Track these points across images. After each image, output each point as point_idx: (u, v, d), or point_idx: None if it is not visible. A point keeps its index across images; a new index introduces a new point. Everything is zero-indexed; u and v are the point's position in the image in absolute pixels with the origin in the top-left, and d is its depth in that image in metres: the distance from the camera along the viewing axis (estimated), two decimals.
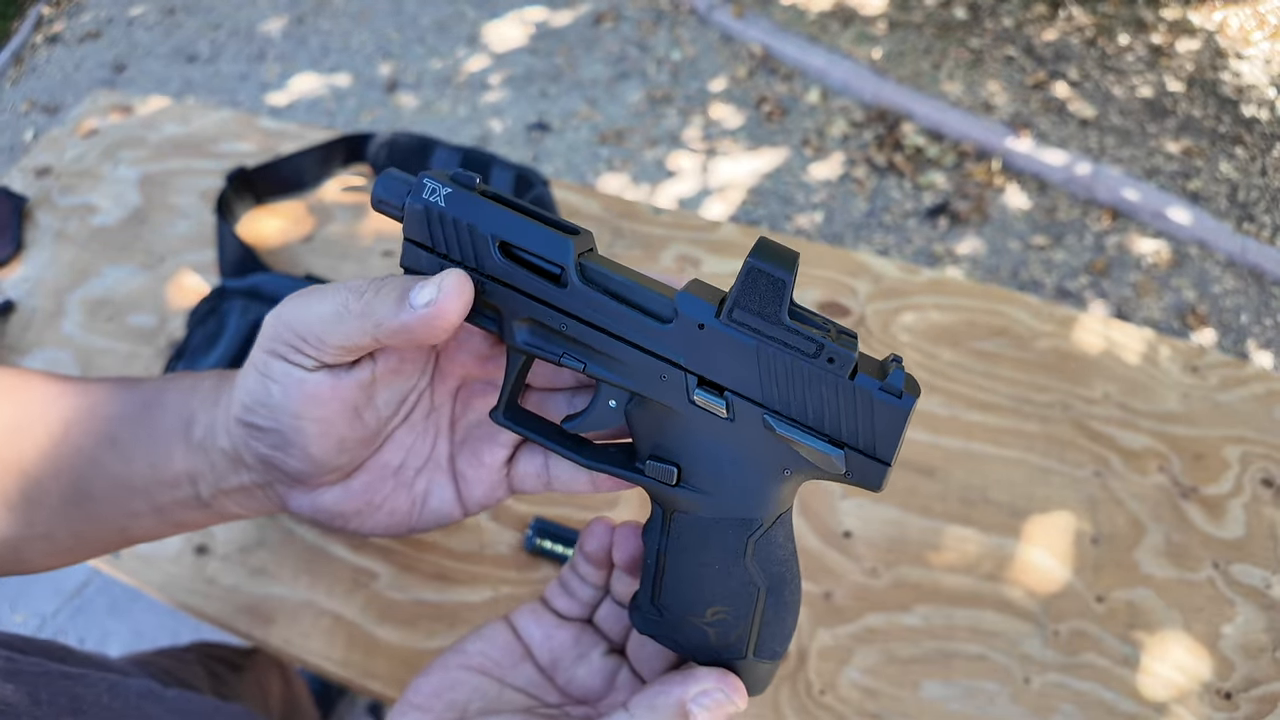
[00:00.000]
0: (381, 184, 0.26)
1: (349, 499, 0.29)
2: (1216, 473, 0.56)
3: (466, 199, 0.25)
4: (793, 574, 0.28)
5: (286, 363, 0.25)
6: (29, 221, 0.79)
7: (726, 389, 0.24)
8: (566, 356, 0.25)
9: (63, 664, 0.38)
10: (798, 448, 0.24)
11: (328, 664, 0.51)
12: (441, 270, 0.24)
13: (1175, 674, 0.48)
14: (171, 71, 2.44)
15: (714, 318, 0.23)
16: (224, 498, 0.29)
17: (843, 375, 0.23)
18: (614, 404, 0.26)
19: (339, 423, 0.26)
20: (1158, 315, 1.61)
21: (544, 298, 0.25)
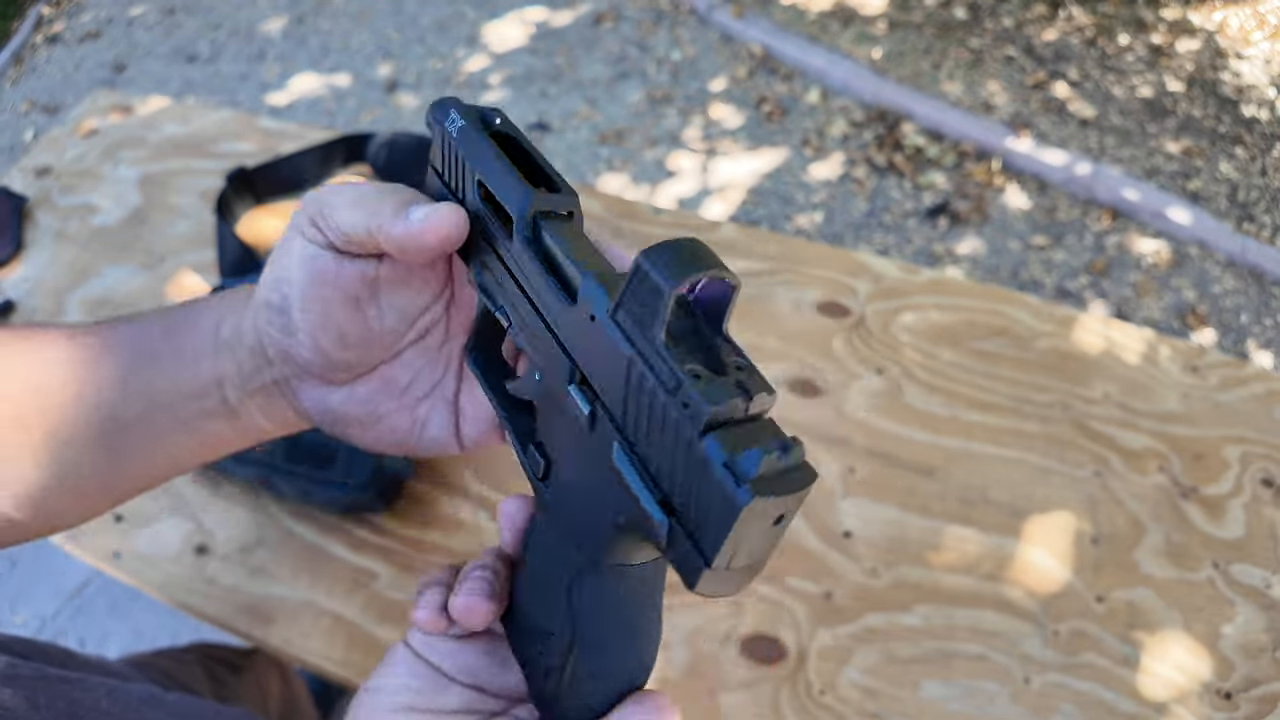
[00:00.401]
0: (435, 106, 0.26)
1: (353, 403, 0.29)
2: (1216, 473, 0.56)
3: (472, 134, 0.25)
4: (621, 643, 0.23)
5: (302, 237, 0.26)
6: (29, 221, 0.79)
7: (597, 394, 0.21)
8: (501, 310, 0.25)
9: (62, 668, 0.38)
10: (630, 493, 0.19)
11: (328, 664, 0.51)
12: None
13: (1175, 674, 0.48)
14: (171, 71, 2.44)
15: (605, 312, 0.20)
16: (249, 401, 0.29)
17: (693, 427, 0.17)
18: (538, 377, 0.24)
19: (337, 310, 0.27)
20: (1158, 315, 1.61)
21: (495, 246, 0.25)
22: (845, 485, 0.56)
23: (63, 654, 0.45)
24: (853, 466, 0.57)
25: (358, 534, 0.56)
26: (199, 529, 0.57)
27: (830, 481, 0.56)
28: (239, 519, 0.57)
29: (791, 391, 0.61)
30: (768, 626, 0.51)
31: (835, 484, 0.56)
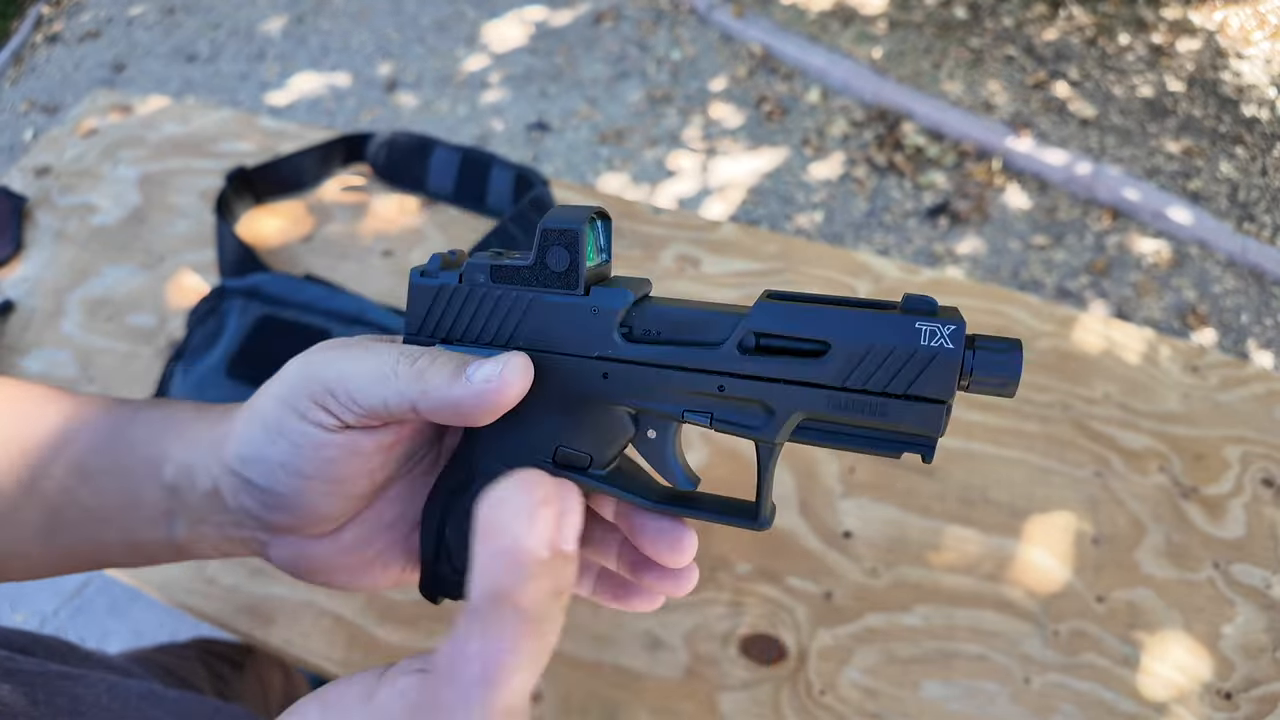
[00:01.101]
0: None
1: (339, 552, 0.27)
2: (1217, 473, 0.56)
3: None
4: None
5: (305, 421, 0.23)
6: (29, 221, 0.79)
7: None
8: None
9: (64, 662, 0.38)
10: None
11: (328, 664, 0.51)
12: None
13: (1175, 674, 0.48)
14: (171, 71, 2.44)
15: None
16: (199, 542, 0.27)
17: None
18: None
19: (349, 486, 0.25)
20: (1158, 315, 1.61)
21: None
22: (845, 485, 0.56)
23: (64, 648, 0.45)
24: (853, 466, 0.57)
25: None
26: None
27: (830, 481, 0.56)
28: None
29: None
30: (768, 627, 0.51)
31: (835, 484, 0.56)
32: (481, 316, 0.26)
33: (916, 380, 0.21)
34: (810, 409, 0.23)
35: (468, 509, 0.26)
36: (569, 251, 0.24)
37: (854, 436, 0.23)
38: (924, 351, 0.21)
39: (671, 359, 0.24)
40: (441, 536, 0.27)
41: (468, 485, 0.27)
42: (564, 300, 0.25)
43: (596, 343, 0.25)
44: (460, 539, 0.27)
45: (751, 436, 0.24)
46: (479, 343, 0.26)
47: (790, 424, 0.23)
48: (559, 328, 0.25)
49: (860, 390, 0.22)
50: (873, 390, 0.22)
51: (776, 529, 0.54)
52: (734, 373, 0.23)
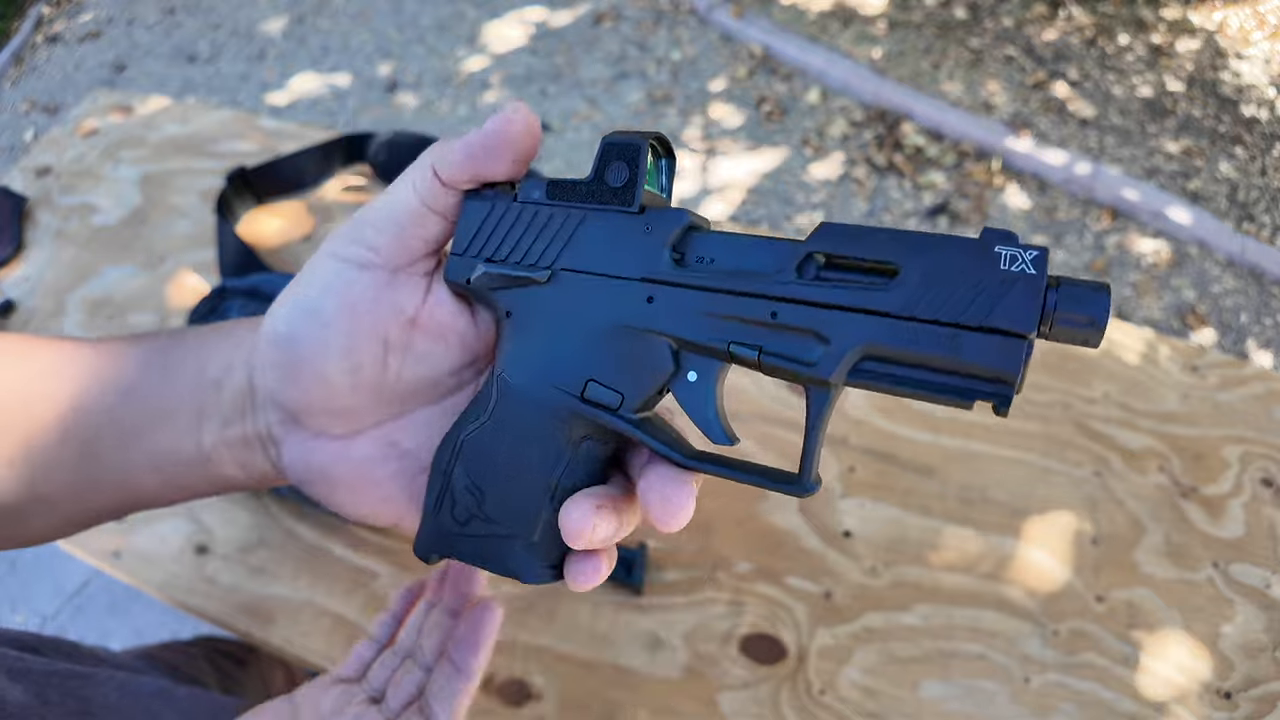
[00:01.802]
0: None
1: (345, 463, 0.26)
2: (1216, 472, 0.56)
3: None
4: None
5: (336, 259, 0.24)
6: (29, 221, 0.79)
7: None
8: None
9: (72, 661, 0.38)
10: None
11: (327, 664, 0.51)
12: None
13: (1175, 674, 0.48)
14: (172, 71, 2.44)
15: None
16: (224, 449, 0.27)
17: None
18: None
19: (362, 344, 0.24)
20: (1157, 315, 1.61)
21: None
22: (845, 485, 0.56)
23: (70, 646, 0.45)
24: (852, 466, 0.57)
25: (358, 534, 0.56)
26: (199, 528, 0.57)
27: (830, 481, 0.56)
28: (239, 518, 0.57)
29: (791, 391, 0.61)
30: (767, 626, 0.51)
31: (835, 483, 0.56)
32: (531, 235, 0.25)
33: (995, 308, 0.19)
34: (872, 341, 0.20)
35: (484, 446, 0.25)
36: (629, 166, 0.24)
37: (921, 380, 0.20)
38: (1003, 275, 0.19)
39: (724, 283, 0.22)
40: (449, 479, 0.26)
41: (488, 417, 0.25)
42: (616, 217, 0.24)
43: (644, 263, 0.23)
44: (469, 481, 0.25)
45: (804, 375, 0.21)
46: (523, 264, 0.25)
47: (849, 360, 0.21)
48: (608, 247, 0.24)
49: (930, 320, 0.20)
50: (944, 320, 0.19)
51: (777, 529, 0.54)
52: (789, 298, 0.21)
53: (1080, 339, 0.19)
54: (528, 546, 0.25)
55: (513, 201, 0.25)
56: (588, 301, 0.24)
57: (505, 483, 0.25)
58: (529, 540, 0.25)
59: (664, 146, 0.25)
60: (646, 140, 0.24)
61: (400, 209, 0.24)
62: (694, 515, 0.24)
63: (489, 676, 0.50)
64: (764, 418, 0.60)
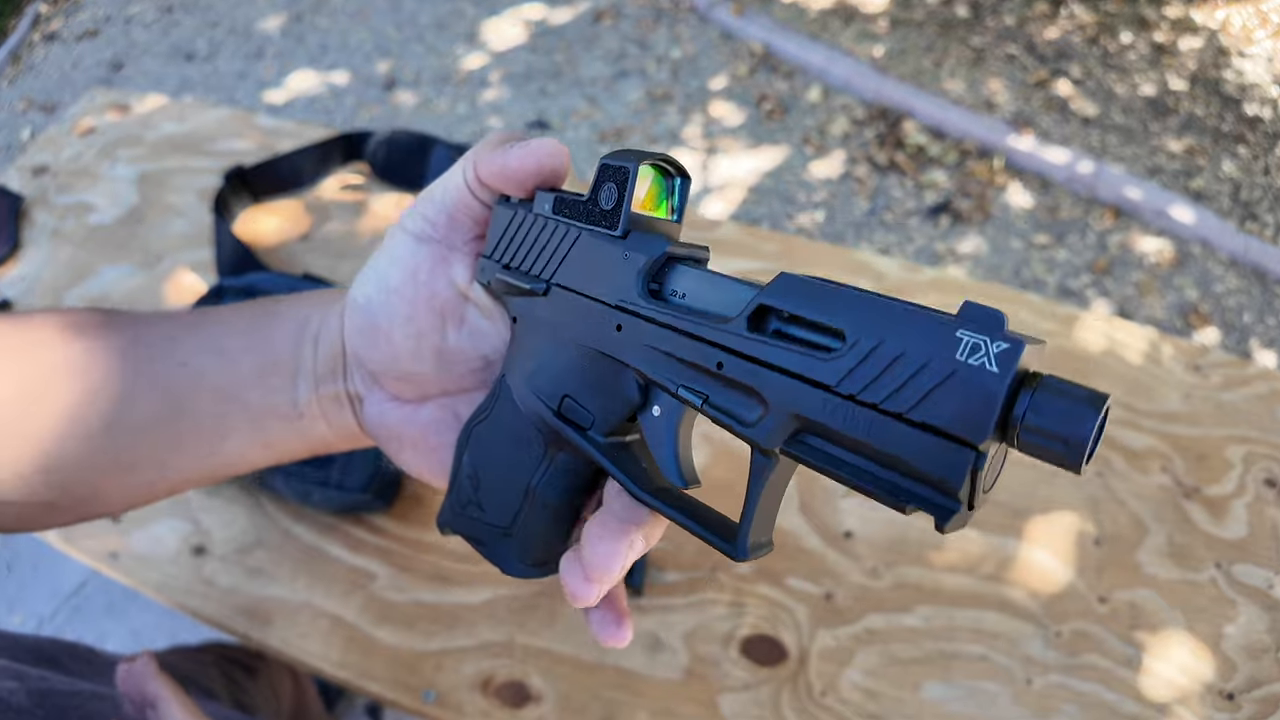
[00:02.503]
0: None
1: (413, 425, 0.29)
2: (1219, 473, 0.55)
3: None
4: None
5: (404, 232, 0.27)
6: (26, 220, 0.79)
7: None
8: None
9: (93, 669, 0.38)
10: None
11: (326, 665, 0.50)
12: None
13: (1178, 675, 0.48)
14: (169, 70, 2.44)
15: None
16: (316, 405, 0.29)
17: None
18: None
19: (421, 313, 0.27)
20: (1160, 314, 1.61)
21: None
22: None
23: (89, 654, 0.45)
24: None
25: (356, 534, 0.56)
26: (197, 529, 0.57)
27: (831, 481, 0.56)
28: (237, 519, 0.57)
29: None
30: (768, 628, 0.50)
31: (836, 483, 0.56)
32: (537, 247, 0.26)
33: (942, 405, 0.16)
34: (804, 411, 0.18)
35: (483, 438, 0.27)
36: (618, 189, 0.24)
37: (858, 469, 0.18)
38: (958, 367, 0.16)
39: (680, 323, 0.21)
40: (460, 463, 0.28)
41: (489, 412, 0.27)
42: (602, 239, 0.24)
43: (619, 290, 0.23)
44: (471, 469, 0.27)
45: (742, 434, 0.20)
46: (528, 274, 0.26)
47: (784, 428, 0.19)
48: (592, 268, 0.24)
49: (869, 404, 0.17)
50: (884, 408, 0.17)
51: (777, 529, 0.54)
52: (734, 350, 0.20)
53: (1052, 459, 0.16)
54: (507, 540, 0.27)
55: (529, 212, 0.26)
56: (572, 319, 0.25)
57: (495, 477, 0.27)
58: (508, 534, 0.27)
59: (674, 167, 0.25)
60: (638, 162, 0.23)
61: (452, 190, 0.27)
62: None
63: (489, 677, 0.49)
64: None
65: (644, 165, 0.23)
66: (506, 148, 0.25)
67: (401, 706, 0.49)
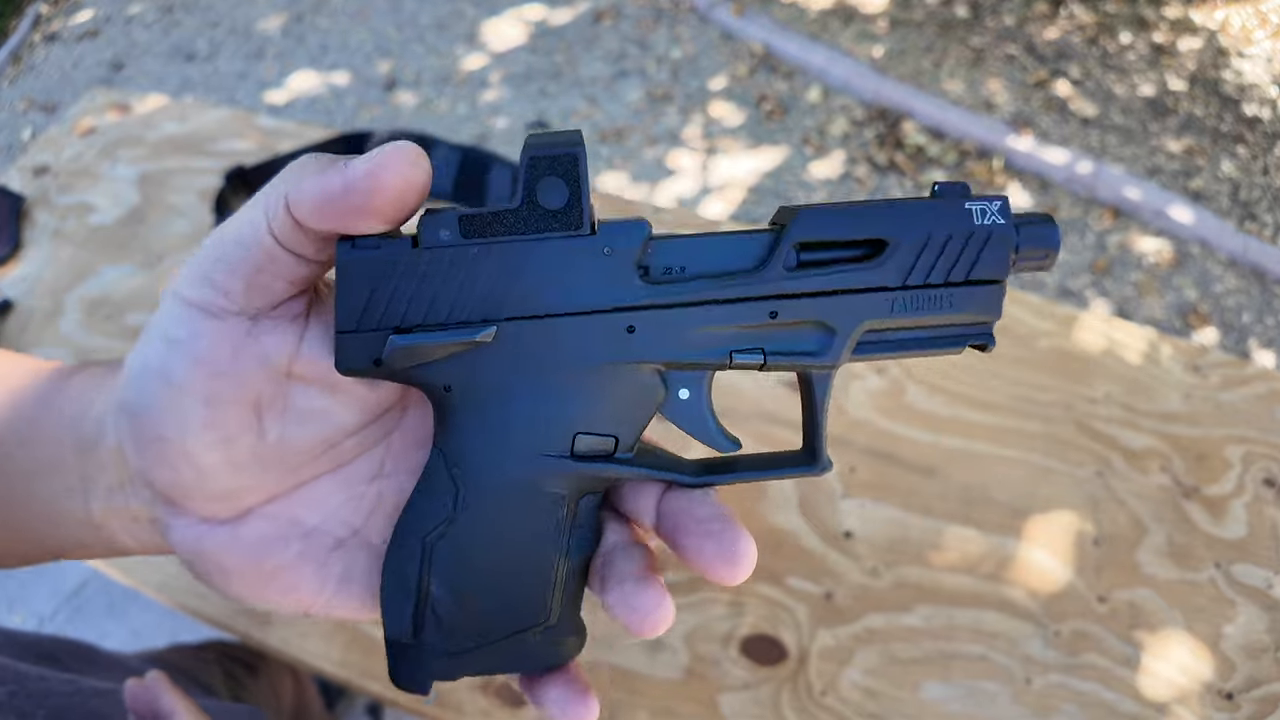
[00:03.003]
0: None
1: (236, 550, 0.21)
2: (1218, 473, 0.55)
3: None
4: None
5: (184, 305, 0.19)
6: (27, 220, 0.79)
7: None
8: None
9: (94, 667, 0.38)
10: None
11: (326, 664, 0.50)
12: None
13: (1177, 674, 0.48)
14: (170, 70, 2.44)
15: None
16: (112, 518, 0.23)
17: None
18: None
19: (230, 412, 0.20)
20: (1159, 314, 1.61)
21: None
22: (846, 485, 0.56)
23: (89, 652, 0.45)
24: (854, 466, 0.57)
25: None
26: None
27: (831, 481, 0.56)
28: None
29: (791, 390, 0.61)
30: (768, 627, 0.50)
31: (836, 484, 0.56)
32: (452, 286, 0.20)
33: (976, 263, 0.21)
34: (876, 317, 0.21)
35: (463, 547, 0.21)
36: (566, 182, 0.20)
37: (915, 340, 0.22)
38: (980, 231, 0.21)
39: (710, 294, 0.20)
40: (423, 594, 0.21)
41: (456, 513, 0.21)
42: (567, 244, 0.20)
43: (614, 291, 0.20)
44: (452, 592, 0.21)
45: (815, 364, 0.21)
46: (450, 323, 0.20)
47: (853, 340, 0.21)
48: (563, 281, 0.20)
49: (924, 285, 0.21)
50: (935, 283, 0.21)
51: (777, 529, 0.54)
52: (786, 294, 0.20)
53: (1040, 268, 0.22)
54: (545, 633, 0.22)
55: (411, 248, 0.20)
56: (554, 349, 0.20)
57: (503, 581, 0.22)
58: (546, 627, 0.22)
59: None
60: (581, 145, 0.20)
61: (254, 246, 0.19)
62: None
63: (489, 677, 0.49)
64: (763, 416, 0.59)
65: (583, 147, 0.20)
66: (337, 167, 0.18)
67: (402, 706, 0.49)
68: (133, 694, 0.34)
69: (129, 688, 0.34)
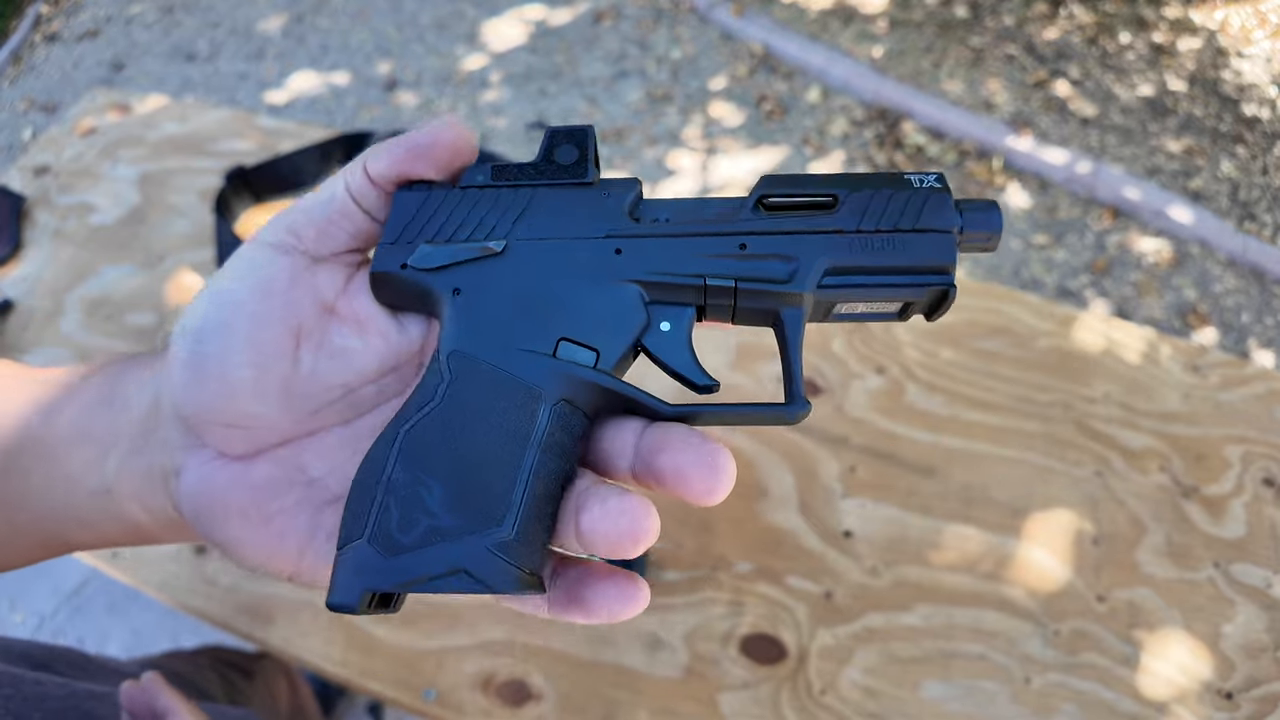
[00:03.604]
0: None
1: (241, 487, 0.23)
2: (1217, 472, 0.56)
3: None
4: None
5: (260, 245, 0.23)
6: (27, 220, 0.79)
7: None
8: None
9: (87, 675, 0.38)
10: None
11: (326, 664, 0.50)
12: None
13: (1176, 674, 0.48)
14: (170, 70, 2.44)
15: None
16: (125, 481, 0.25)
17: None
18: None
19: (273, 333, 0.22)
20: (1159, 314, 1.61)
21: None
22: (846, 485, 0.56)
23: (82, 659, 0.45)
24: (853, 466, 0.57)
25: None
26: None
27: (831, 481, 0.56)
28: None
29: None
30: (768, 626, 0.50)
31: (836, 483, 0.56)
32: (477, 214, 0.25)
33: (921, 213, 0.24)
34: (833, 256, 0.24)
35: (436, 428, 0.22)
36: (578, 147, 0.25)
37: (878, 282, 0.24)
38: (920, 190, 0.24)
39: (689, 228, 0.25)
40: (386, 486, 0.21)
41: (439, 399, 0.23)
42: (570, 190, 0.25)
43: (607, 222, 0.25)
44: (413, 478, 0.21)
45: (782, 290, 0.24)
46: (470, 239, 0.25)
47: (815, 274, 0.24)
48: (566, 214, 0.25)
49: (874, 230, 0.24)
50: (885, 229, 0.24)
51: (777, 528, 0.54)
52: (756, 230, 0.24)
53: (978, 249, 0.25)
54: (499, 546, 0.21)
55: (452, 189, 0.26)
56: (552, 264, 0.25)
57: (466, 471, 0.22)
58: (501, 538, 0.21)
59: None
60: (592, 126, 0.26)
61: (330, 199, 0.24)
62: (693, 515, 0.23)
63: (489, 676, 0.50)
64: None
65: (593, 128, 0.26)
66: (405, 135, 0.24)
67: (402, 705, 0.49)
68: (129, 695, 0.34)
69: (125, 689, 0.34)
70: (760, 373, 0.62)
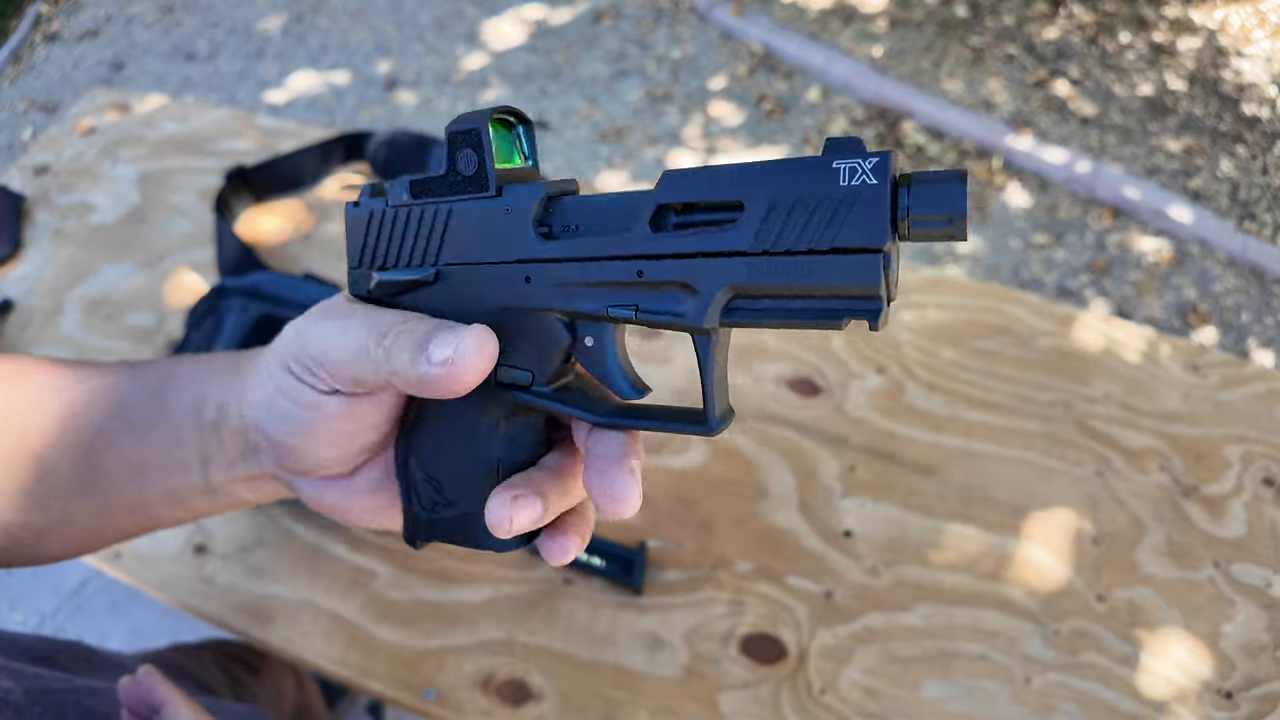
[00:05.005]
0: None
1: (352, 494, 0.28)
2: (1217, 472, 0.56)
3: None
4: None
5: (300, 382, 0.25)
6: (27, 220, 0.79)
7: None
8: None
9: (91, 668, 0.38)
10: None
11: (327, 663, 0.50)
12: None
13: (1176, 673, 0.48)
14: (170, 69, 2.44)
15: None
16: (234, 484, 0.28)
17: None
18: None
19: (351, 440, 0.26)
20: (1159, 314, 1.61)
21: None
22: (845, 484, 0.56)
23: (87, 653, 0.46)
24: (853, 465, 0.57)
25: (356, 533, 0.56)
26: (198, 528, 0.57)
27: (830, 481, 0.56)
28: (238, 518, 0.57)
29: (791, 390, 0.61)
30: (768, 626, 0.50)
31: (835, 483, 0.56)
32: (409, 237, 0.25)
33: (842, 229, 0.19)
34: (733, 281, 0.20)
35: (423, 439, 0.26)
36: (475, 151, 0.24)
37: (791, 310, 0.20)
38: (843, 193, 0.19)
39: (587, 250, 0.22)
40: (409, 472, 0.27)
41: (425, 411, 0.26)
42: (477, 204, 0.24)
43: (514, 245, 0.24)
44: (423, 472, 0.27)
45: (681, 325, 0.21)
46: (410, 265, 0.26)
47: (717, 303, 0.21)
48: (477, 235, 0.24)
49: (782, 252, 0.19)
50: (795, 250, 0.19)
51: (777, 528, 0.54)
52: (649, 254, 0.21)
53: (942, 236, 0.18)
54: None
55: (385, 206, 0.26)
56: (476, 291, 0.25)
57: (454, 468, 0.26)
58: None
59: (515, 115, 0.25)
60: (485, 120, 0.24)
61: (353, 374, 0.24)
62: (694, 515, 0.23)
63: (489, 676, 0.50)
64: (764, 416, 0.59)
65: (487, 123, 0.24)
66: (423, 361, 0.22)
67: (402, 705, 0.49)
68: (126, 690, 0.35)
69: (122, 684, 0.35)
70: (761, 373, 0.62)
